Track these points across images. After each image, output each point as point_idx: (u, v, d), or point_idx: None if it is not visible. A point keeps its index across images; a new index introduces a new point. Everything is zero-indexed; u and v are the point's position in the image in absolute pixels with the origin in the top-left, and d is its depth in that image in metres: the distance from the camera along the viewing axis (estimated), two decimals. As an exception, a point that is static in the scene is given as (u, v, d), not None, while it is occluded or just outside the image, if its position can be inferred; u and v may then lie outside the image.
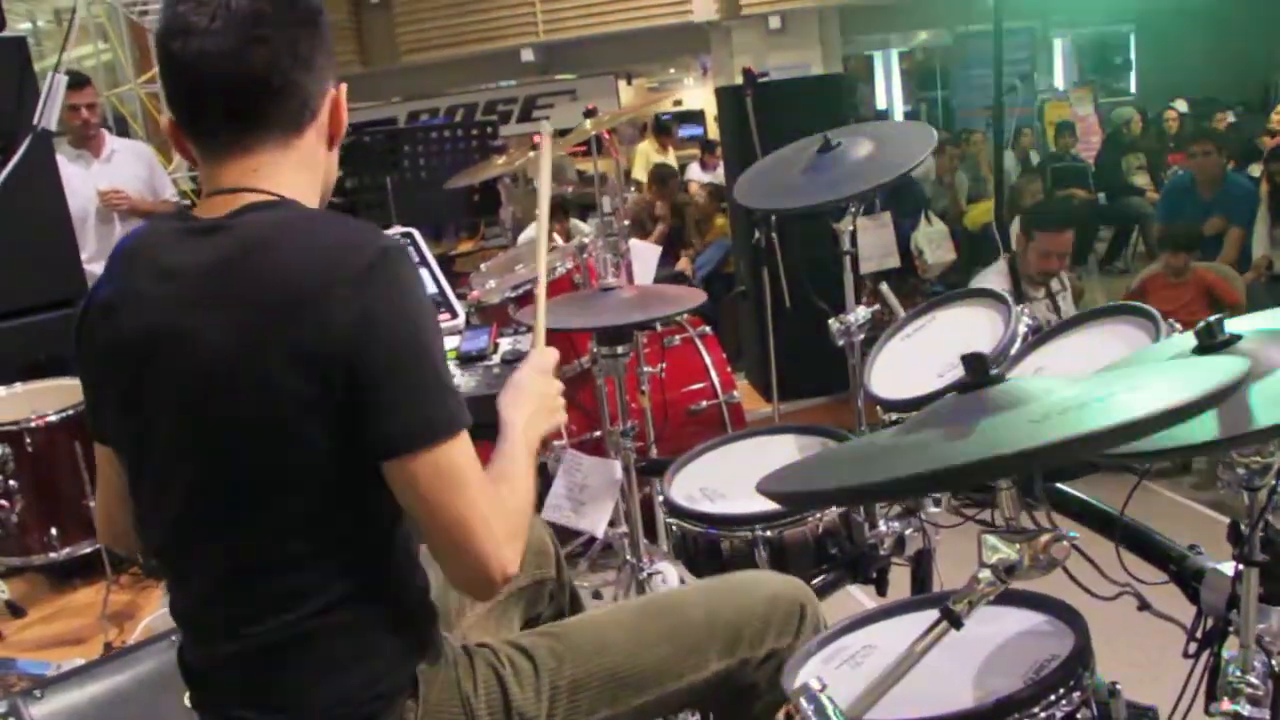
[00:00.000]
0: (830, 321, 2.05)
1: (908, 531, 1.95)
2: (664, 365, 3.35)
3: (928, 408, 0.95)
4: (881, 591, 1.98)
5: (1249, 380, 0.91)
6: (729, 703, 1.53)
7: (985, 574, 0.90)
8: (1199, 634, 1.43)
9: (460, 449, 1.22)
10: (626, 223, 2.92)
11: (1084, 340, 1.59)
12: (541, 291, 1.72)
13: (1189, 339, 1.19)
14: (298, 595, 1.26)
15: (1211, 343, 1.08)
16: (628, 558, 2.48)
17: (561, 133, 3.05)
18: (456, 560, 1.24)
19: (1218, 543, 1.40)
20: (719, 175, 9.54)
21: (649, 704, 1.45)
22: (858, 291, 2.08)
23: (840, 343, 2.05)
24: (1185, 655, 1.42)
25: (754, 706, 1.50)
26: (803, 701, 0.88)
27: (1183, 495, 3.78)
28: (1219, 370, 0.78)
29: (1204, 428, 0.93)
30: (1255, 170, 7.15)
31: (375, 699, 1.30)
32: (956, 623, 0.92)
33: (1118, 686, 1.12)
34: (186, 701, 1.45)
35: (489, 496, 1.24)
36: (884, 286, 2.19)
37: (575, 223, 5.60)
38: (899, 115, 12.71)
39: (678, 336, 3.61)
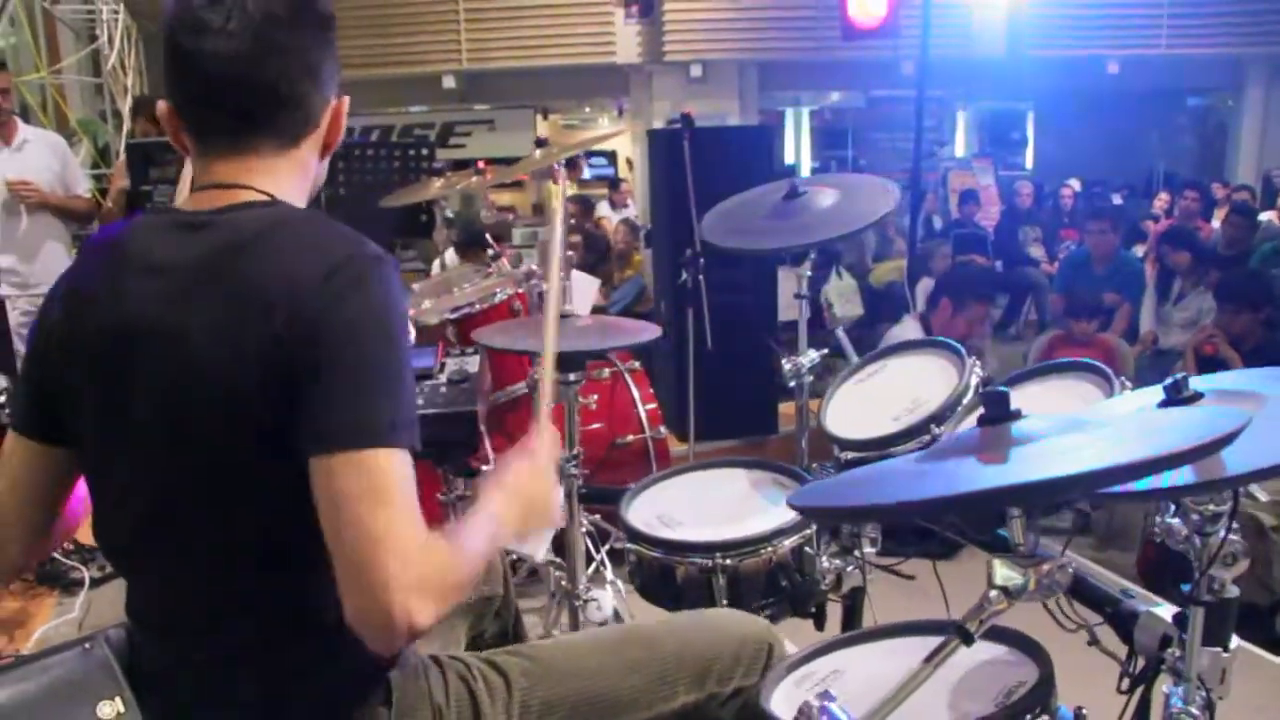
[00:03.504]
0: (783, 362, 2.12)
1: (847, 569, 2.02)
2: (596, 397, 3.38)
3: (947, 439, 1.02)
4: (819, 626, 2.04)
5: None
6: None
7: (994, 594, 0.96)
8: (1132, 671, 1.52)
9: (394, 464, 1.12)
10: (571, 254, 2.96)
11: (1039, 391, 1.69)
12: (548, 369, 1.68)
13: (1150, 394, 1.29)
14: (272, 596, 1.25)
15: (1179, 397, 1.17)
16: (563, 584, 2.49)
17: (496, 161, 3.15)
18: (355, 588, 1.10)
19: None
20: (630, 212, 9.67)
21: None
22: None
23: (791, 383, 2.11)
24: (1119, 691, 1.51)
25: None
26: (816, 712, 0.93)
27: (1079, 554, 3.98)
28: (1227, 417, 0.86)
29: (1184, 473, 1.02)
30: (1139, 250, 7.61)
31: (348, 703, 1.29)
32: (969, 639, 0.97)
33: (1084, 711, 1.20)
34: (100, 713, 1.40)
35: (414, 534, 1.11)
36: (840, 331, 2.27)
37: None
38: (805, 172, 13.12)
39: (606, 370, 3.65)
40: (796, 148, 13.83)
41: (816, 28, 8.86)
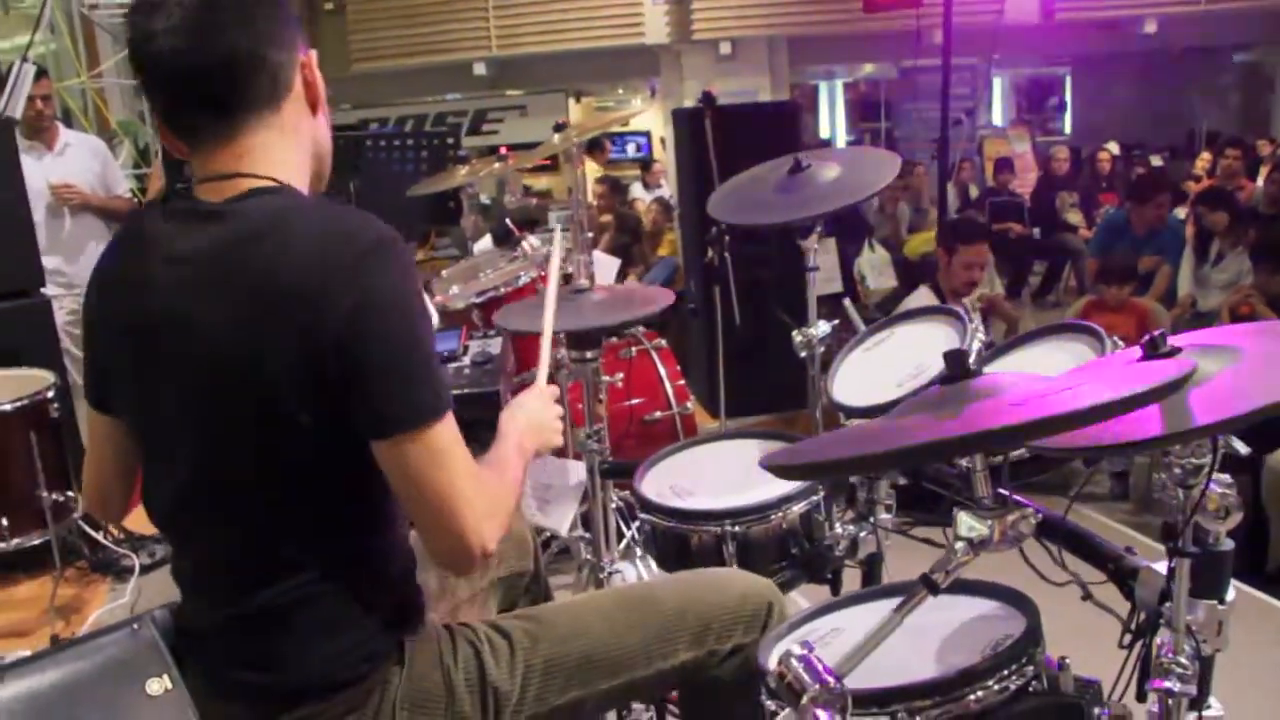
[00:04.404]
0: (794, 334, 2.15)
1: (861, 535, 2.06)
2: (622, 375, 3.43)
3: (916, 397, 1.05)
4: (835, 591, 2.08)
5: (1190, 385, 1.03)
6: (693, 693, 1.61)
7: (960, 545, 1.00)
8: (1133, 626, 1.54)
9: (445, 430, 1.29)
10: (590, 234, 3.01)
11: (1035, 354, 1.72)
12: (546, 341, 1.91)
13: (1133, 353, 1.32)
14: (295, 563, 1.33)
15: (1156, 354, 1.20)
16: (587, 557, 2.55)
17: (526, 146, 3.17)
18: (439, 535, 1.31)
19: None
20: (664, 192, 9.69)
21: (618, 688, 1.52)
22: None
23: (802, 354, 2.15)
24: (1120, 646, 1.53)
25: (717, 698, 1.57)
26: (794, 661, 0.97)
27: (1115, 520, 3.97)
28: (1171, 367, 0.89)
29: (1151, 425, 1.05)
30: (1180, 213, 7.49)
31: (364, 661, 1.37)
32: (935, 589, 1.01)
33: (1067, 660, 1.23)
34: (149, 689, 1.48)
35: (472, 476, 1.32)
36: (847, 302, 2.30)
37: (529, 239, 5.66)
38: (841, 145, 13.02)
39: (634, 348, 3.70)
40: (831, 121, 13.75)
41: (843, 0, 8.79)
